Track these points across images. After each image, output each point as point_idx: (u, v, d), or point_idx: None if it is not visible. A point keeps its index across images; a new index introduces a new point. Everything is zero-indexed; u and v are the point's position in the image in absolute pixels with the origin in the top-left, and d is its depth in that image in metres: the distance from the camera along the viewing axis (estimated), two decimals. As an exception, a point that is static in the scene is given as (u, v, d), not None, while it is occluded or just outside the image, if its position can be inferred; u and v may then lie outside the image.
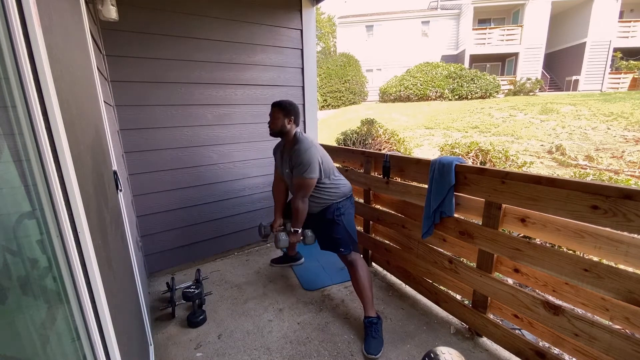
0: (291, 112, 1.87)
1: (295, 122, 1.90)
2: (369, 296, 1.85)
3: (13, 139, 0.58)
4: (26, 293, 0.65)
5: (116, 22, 1.79)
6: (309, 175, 1.79)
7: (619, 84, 15.17)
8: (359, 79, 16.13)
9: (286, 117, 1.86)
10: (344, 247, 1.90)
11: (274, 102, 1.90)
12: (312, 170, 1.79)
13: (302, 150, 1.79)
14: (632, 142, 6.98)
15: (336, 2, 29.21)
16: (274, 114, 1.88)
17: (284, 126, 1.87)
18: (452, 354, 0.99)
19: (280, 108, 1.86)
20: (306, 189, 1.83)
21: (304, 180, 1.80)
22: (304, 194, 1.85)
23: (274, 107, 1.88)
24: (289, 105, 1.88)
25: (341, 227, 1.91)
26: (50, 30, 0.70)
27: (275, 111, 1.88)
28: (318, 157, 1.82)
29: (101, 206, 0.98)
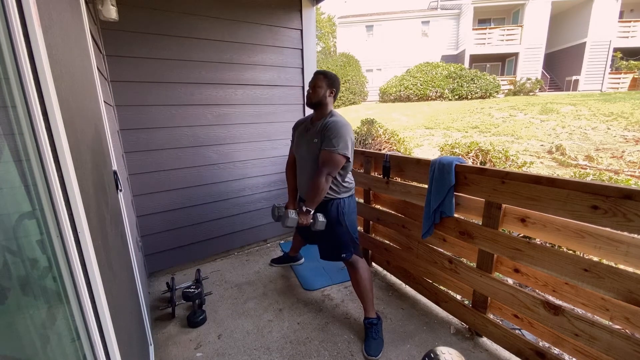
0: (335, 84, 1.76)
1: (334, 96, 1.79)
2: (370, 298, 1.83)
3: (13, 139, 0.58)
4: (26, 293, 0.65)
5: (116, 22, 1.79)
6: (341, 150, 1.63)
7: (619, 84, 15.16)
8: (359, 79, 16.13)
9: (329, 88, 1.74)
10: (345, 252, 1.82)
11: (318, 70, 1.80)
12: (345, 146, 1.65)
13: (340, 124, 1.67)
14: (632, 142, 6.98)
15: (336, 2, 29.24)
16: (317, 82, 1.74)
17: (325, 97, 1.74)
18: (452, 354, 0.99)
19: (325, 76, 1.75)
20: (334, 165, 1.66)
21: (334, 155, 1.64)
22: (330, 171, 1.67)
23: (319, 74, 1.76)
24: (334, 76, 1.77)
25: (344, 230, 1.82)
26: (50, 30, 0.70)
27: (319, 79, 1.75)
28: (352, 137, 1.71)
29: (101, 206, 0.98)
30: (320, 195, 1.70)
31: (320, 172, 1.67)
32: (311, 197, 1.72)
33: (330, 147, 1.64)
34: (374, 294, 1.90)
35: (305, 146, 1.81)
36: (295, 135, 1.97)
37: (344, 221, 1.81)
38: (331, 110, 1.79)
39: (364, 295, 1.83)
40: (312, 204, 1.73)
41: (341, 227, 1.81)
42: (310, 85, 1.77)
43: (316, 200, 1.72)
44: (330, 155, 1.65)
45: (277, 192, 2.99)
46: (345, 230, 1.82)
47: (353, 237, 1.86)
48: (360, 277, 1.83)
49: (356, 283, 1.85)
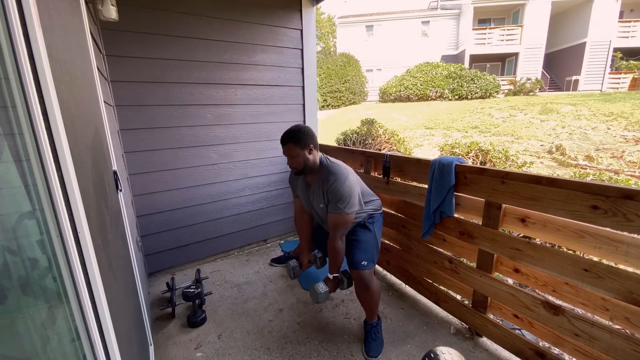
0: (307, 140, 1.59)
1: (316, 148, 1.64)
2: (376, 307, 1.75)
3: (13, 139, 0.58)
4: (26, 293, 0.65)
5: (116, 22, 1.79)
6: (349, 210, 1.58)
7: (619, 84, 15.17)
8: (359, 79, 16.13)
9: (305, 148, 1.59)
10: (366, 260, 1.66)
11: (283, 138, 1.60)
12: (353, 204, 1.59)
13: (340, 184, 1.57)
14: (632, 142, 6.98)
15: (336, 2, 29.24)
16: (290, 152, 1.60)
17: (307, 160, 1.61)
18: (452, 354, 0.99)
19: (295, 142, 1.58)
20: (346, 225, 1.63)
21: (344, 217, 1.59)
22: (344, 232, 1.64)
23: (287, 143, 1.60)
24: (300, 132, 1.59)
25: (371, 235, 1.73)
26: (50, 30, 0.70)
27: (289, 148, 1.60)
28: (357, 187, 1.62)
29: (101, 206, 0.98)
30: (341, 257, 1.68)
31: (334, 237, 1.64)
32: (332, 262, 1.70)
33: (337, 212, 1.60)
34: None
35: (316, 207, 1.78)
36: (297, 192, 1.91)
37: (372, 227, 1.78)
38: (322, 163, 1.67)
39: (370, 305, 1.73)
40: (336, 268, 1.71)
41: (370, 233, 1.77)
42: (286, 155, 1.64)
43: (338, 264, 1.70)
44: (339, 218, 1.61)
45: (277, 192, 2.99)
46: (373, 236, 1.77)
47: (377, 247, 1.79)
48: (372, 295, 1.69)
49: (363, 299, 1.72)
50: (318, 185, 1.69)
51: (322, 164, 1.68)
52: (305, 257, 2.00)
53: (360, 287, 1.68)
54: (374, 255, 1.73)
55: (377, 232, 1.80)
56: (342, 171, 1.62)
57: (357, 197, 1.63)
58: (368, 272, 1.66)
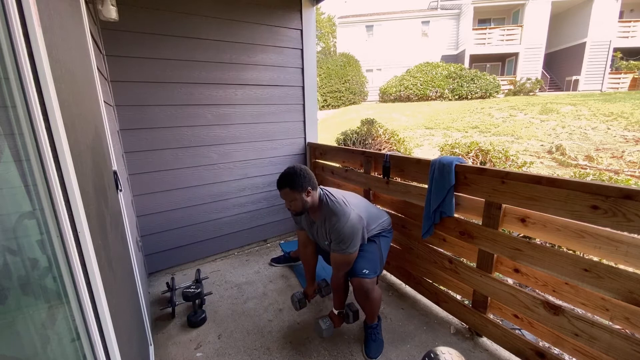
0: (303, 183, 1.55)
1: (314, 189, 1.60)
2: (376, 311, 1.74)
3: (13, 139, 0.58)
4: (26, 293, 0.65)
5: (116, 22, 1.79)
6: (351, 250, 1.57)
7: (619, 84, 15.17)
8: (359, 79, 16.13)
9: (303, 191, 1.56)
10: (368, 268, 1.63)
11: (279, 183, 1.57)
12: (355, 243, 1.58)
13: (342, 225, 1.54)
14: (632, 142, 6.98)
15: (336, 2, 29.24)
16: (287, 197, 1.58)
17: (306, 203, 1.59)
18: (452, 354, 1.00)
19: (291, 187, 1.54)
20: (349, 264, 1.63)
21: (346, 257, 1.59)
22: (346, 270, 1.64)
23: (282, 188, 1.57)
24: (295, 176, 1.55)
25: (376, 246, 1.73)
26: (50, 30, 0.70)
27: (286, 193, 1.57)
28: (360, 224, 1.58)
29: (101, 206, 0.98)
30: (344, 294, 1.74)
31: (337, 276, 1.68)
32: (337, 298, 1.75)
33: (340, 251, 1.59)
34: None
35: (322, 243, 1.78)
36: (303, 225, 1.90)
37: (378, 241, 1.79)
38: (322, 202, 1.64)
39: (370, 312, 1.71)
40: (339, 303, 1.76)
41: (375, 245, 1.77)
42: (283, 199, 1.63)
43: (342, 299, 1.75)
44: (342, 258, 1.61)
45: (277, 192, 2.98)
46: (377, 247, 1.76)
47: (382, 259, 1.77)
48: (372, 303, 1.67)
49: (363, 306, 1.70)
50: (321, 222, 1.67)
51: (322, 202, 1.65)
52: (310, 287, 2.01)
53: (360, 295, 1.64)
54: (377, 266, 1.70)
55: (382, 246, 1.79)
56: (344, 211, 1.58)
57: (360, 235, 1.61)
58: (369, 281, 1.62)
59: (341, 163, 2.67)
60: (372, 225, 1.76)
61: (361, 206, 1.73)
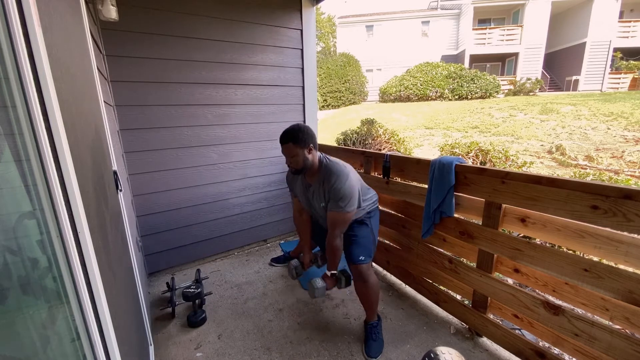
0: (307, 139, 1.58)
1: (315, 148, 1.64)
2: (375, 305, 1.76)
3: (13, 139, 0.58)
4: (26, 293, 0.65)
5: (116, 22, 1.79)
6: (349, 208, 1.59)
7: (619, 84, 15.17)
8: (359, 79, 16.12)
9: (305, 148, 1.59)
10: (364, 255, 1.70)
11: (282, 137, 1.59)
12: (353, 202, 1.60)
13: (342, 183, 1.57)
14: (632, 142, 6.98)
15: (336, 2, 29.25)
16: (290, 152, 1.59)
17: (306, 160, 1.61)
18: (452, 354, 1.00)
19: (294, 142, 1.57)
20: (345, 224, 1.64)
21: (344, 215, 1.60)
22: (342, 230, 1.66)
23: (286, 142, 1.59)
24: (300, 132, 1.58)
25: (368, 230, 1.76)
26: (50, 30, 0.70)
27: (288, 148, 1.58)
28: (357, 186, 1.63)
29: (101, 206, 0.98)
30: (338, 255, 1.70)
31: (333, 235, 1.65)
32: (331, 260, 1.72)
33: (338, 209, 1.60)
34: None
35: (317, 206, 1.78)
36: (296, 192, 1.91)
37: (369, 222, 1.80)
38: (321, 163, 1.67)
39: (369, 302, 1.75)
40: (334, 266, 1.74)
41: (367, 228, 1.79)
42: (285, 155, 1.63)
43: (337, 261, 1.72)
44: (339, 216, 1.61)
45: (277, 192, 2.99)
46: (369, 230, 1.78)
47: (375, 241, 1.82)
48: (371, 290, 1.72)
49: (363, 295, 1.75)
50: (319, 185, 1.69)
51: (321, 164, 1.69)
52: (307, 256, 2.02)
53: (359, 281, 1.72)
54: (371, 249, 1.76)
55: (373, 227, 1.81)
56: (343, 170, 1.63)
57: (358, 196, 1.64)
58: (366, 267, 1.70)
59: (341, 163, 2.67)
60: (364, 195, 1.76)
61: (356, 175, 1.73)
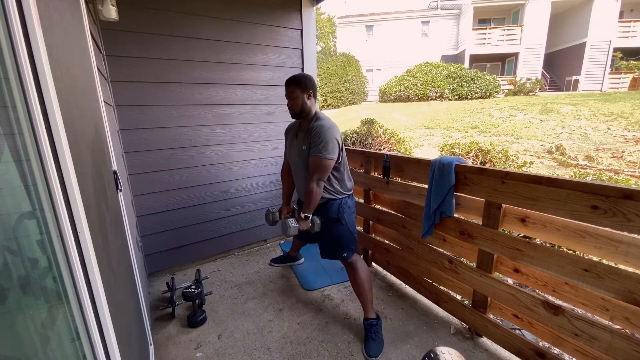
0: (308, 85, 1.71)
1: (314, 96, 1.75)
2: (369, 298, 1.83)
3: (13, 139, 0.58)
4: (26, 293, 0.65)
5: (116, 22, 1.79)
6: (328, 155, 1.64)
7: (619, 84, 15.16)
8: (359, 79, 16.12)
9: (305, 93, 1.71)
10: (346, 251, 1.82)
11: (288, 79, 1.73)
12: (332, 150, 1.65)
13: (325, 128, 1.66)
14: (632, 142, 6.98)
15: (336, 2, 29.26)
16: (291, 93, 1.71)
17: (305, 103, 1.72)
18: (452, 354, 0.99)
19: (296, 84, 1.69)
20: (323, 170, 1.68)
21: (322, 161, 1.66)
22: (320, 176, 1.69)
23: (290, 84, 1.71)
24: (304, 77, 1.72)
25: (344, 228, 1.83)
26: (50, 30, 0.70)
27: (291, 90, 1.71)
28: (339, 138, 1.70)
29: (101, 206, 0.98)
30: (315, 200, 1.72)
31: (311, 178, 1.70)
32: (307, 203, 1.74)
33: (317, 153, 1.65)
34: (373, 294, 1.90)
35: (296, 153, 1.82)
36: (287, 142, 1.97)
37: (344, 220, 1.82)
38: (316, 113, 1.77)
39: (363, 295, 1.83)
40: (309, 209, 1.75)
41: (342, 226, 1.82)
42: (287, 97, 1.75)
43: (312, 206, 1.74)
44: (318, 160, 1.66)
45: (277, 192, 2.99)
46: (345, 228, 1.83)
47: (353, 236, 1.87)
48: (360, 277, 1.83)
49: (355, 283, 1.85)
50: (307, 131, 1.76)
51: (316, 114, 1.78)
52: (285, 208, 2.07)
53: (350, 272, 1.87)
54: (350, 243, 1.85)
55: (348, 222, 1.85)
56: (329, 121, 1.72)
57: (337, 147, 1.69)
58: (351, 259, 1.85)
59: (341, 163, 2.67)
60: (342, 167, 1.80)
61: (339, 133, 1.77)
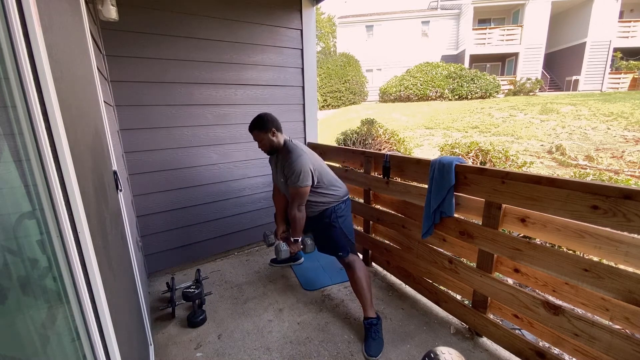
0: (268, 124, 1.83)
1: (278, 131, 1.87)
2: (368, 297, 1.84)
3: (13, 139, 0.58)
4: (26, 293, 0.65)
5: (116, 22, 1.79)
6: (302, 183, 1.78)
7: (619, 84, 15.16)
8: (359, 79, 16.12)
9: (268, 132, 1.83)
10: (342, 251, 1.91)
11: (250, 126, 1.87)
12: (305, 178, 1.78)
13: (293, 160, 1.79)
14: (632, 142, 6.98)
15: (336, 2, 29.26)
16: (256, 137, 1.87)
17: (272, 141, 1.86)
18: (452, 354, 0.99)
19: (259, 128, 1.83)
20: (301, 197, 1.83)
21: (297, 190, 1.81)
22: (300, 203, 1.85)
23: (252, 130, 1.86)
24: (262, 119, 1.84)
25: (338, 230, 1.91)
26: (50, 30, 0.70)
27: (255, 135, 1.86)
28: (309, 164, 1.81)
29: (101, 206, 0.98)
30: (299, 224, 1.89)
31: (292, 206, 1.87)
32: (293, 228, 1.93)
33: (293, 185, 1.80)
34: (373, 294, 1.91)
35: (280, 182, 1.99)
36: (272, 170, 2.12)
37: (337, 223, 1.92)
38: (285, 143, 1.90)
39: (362, 294, 1.85)
40: (296, 233, 1.93)
41: (335, 229, 1.91)
42: (255, 140, 1.90)
43: (299, 229, 1.92)
44: (295, 190, 1.81)
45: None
46: (340, 231, 1.92)
47: (348, 238, 1.95)
48: (358, 277, 1.86)
49: (354, 282, 1.88)
50: (282, 162, 1.90)
51: (285, 145, 1.90)
52: (280, 228, 2.23)
53: (347, 270, 1.92)
54: (346, 245, 1.92)
55: (342, 226, 1.94)
56: (297, 151, 1.83)
57: (309, 173, 1.80)
58: (347, 258, 1.90)
59: (341, 163, 2.67)
60: (324, 183, 1.90)
61: (317, 162, 1.91)
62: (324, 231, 1.95)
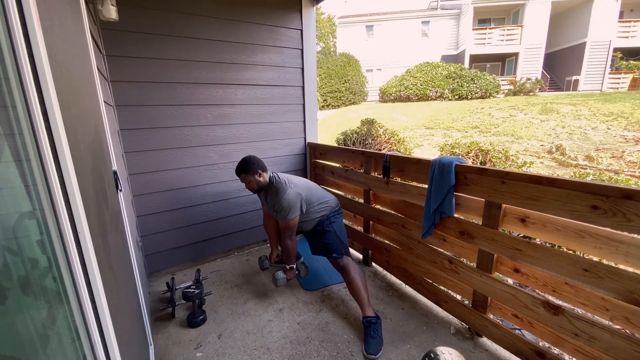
0: (253, 168, 1.96)
1: (264, 171, 2.00)
2: (365, 297, 1.87)
3: (13, 139, 0.58)
4: (26, 293, 0.65)
5: (116, 22, 1.79)
6: (290, 217, 1.94)
7: (619, 84, 15.17)
8: (359, 79, 16.12)
9: (254, 174, 1.96)
10: (336, 252, 1.98)
11: (236, 171, 2.00)
12: (293, 212, 1.94)
13: (280, 198, 1.93)
14: (632, 142, 6.98)
15: (336, 2, 29.26)
16: (243, 180, 2.00)
17: (259, 182, 1.99)
18: (452, 354, 1.00)
19: (245, 172, 1.96)
20: (291, 229, 1.99)
21: (287, 223, 1.96)
22: (291, 233, 2.00)
23: (239, 174, 1.99)
24: (248, 163, 1.96)
25: (332, 234, 2.03)
26: (50, 30, 0.70)
27: (243, 178, 1.99)
28: (296, 196, 1.94)
29: (101, 206, 0.98)
30: (292, 253, 2.05)
31: (283, 237, 2.04)
32: (287, 256, 2.08)
33: (282, 219, 1.97)
34: (372, 294, 1.93)
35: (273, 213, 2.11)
36: (261, 199, 2.23)
37: (331, 228, 2.05)
38: (271, 181, 2.04)
39: (358, 294, 1.88)
40: (290, 261, 2.08)
41: (330, 233, 2.04)
42: (242, 182, 2.03)
43: (292, 257, 2.07)
44: (284, 223, 1.98)
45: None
46: (334, 234, 2.04)
47: (342, 240, 2.06)
48: (353, 277, 1.91)
49: (349, 283, 1.92)
50: (271, 198, 2.05)
51: (271, 182, 2.04)
52: (274, 252, 2.40)
53: (340, 271, 1.98)
54: (339, 247, 2.01)
55: (336, 230, 2.06)
56: (283, 188, 1.96)
57: (298, 205, 1.95)
58: (341, 260, 1.97)
59: (341, 163, 2.67)
60: (314, 201, 2.04)
61: (302, 186, 2.04)
62: (318, 236, 2.07)
